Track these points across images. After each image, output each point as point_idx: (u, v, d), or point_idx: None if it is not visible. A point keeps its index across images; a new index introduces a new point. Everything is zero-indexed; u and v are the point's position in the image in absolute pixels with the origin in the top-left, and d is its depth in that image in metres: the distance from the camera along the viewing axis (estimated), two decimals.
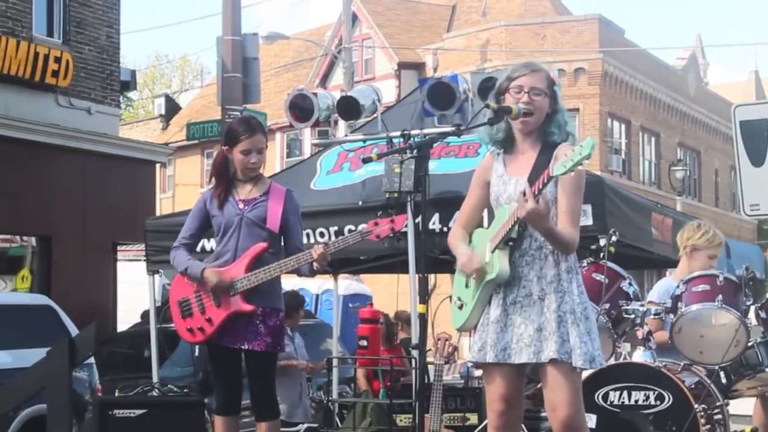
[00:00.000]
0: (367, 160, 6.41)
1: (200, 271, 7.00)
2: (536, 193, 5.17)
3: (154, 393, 10.22)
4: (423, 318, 5.98)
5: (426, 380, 8.33)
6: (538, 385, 6.61)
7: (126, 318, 21.27)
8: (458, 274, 5.73)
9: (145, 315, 22.91)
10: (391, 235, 7.56)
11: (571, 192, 5.42)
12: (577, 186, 5.43)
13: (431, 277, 10.23)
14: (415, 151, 6.20)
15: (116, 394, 9.89)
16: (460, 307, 5.64)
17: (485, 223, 5.85)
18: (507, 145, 5.66)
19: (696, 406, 7.06)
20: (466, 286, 5.61)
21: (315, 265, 6.93)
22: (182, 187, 47.02)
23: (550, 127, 5.57)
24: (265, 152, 7.18)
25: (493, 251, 5.46)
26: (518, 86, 5.54)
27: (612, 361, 7.54)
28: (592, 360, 5.37)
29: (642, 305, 7.61)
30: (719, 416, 7.35)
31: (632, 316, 7.55)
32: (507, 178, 5.56)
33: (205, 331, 7.03)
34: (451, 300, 5.76)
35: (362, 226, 7.20)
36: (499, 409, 5.54)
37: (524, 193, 5.17)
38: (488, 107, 5.59)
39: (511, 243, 5.43)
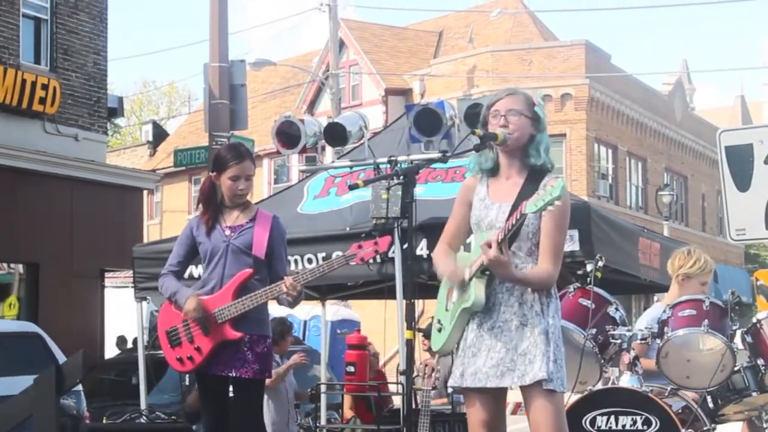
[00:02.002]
0: (353, 187, 6.42)
1: (184, 301, 7.00)
2: (501, 238, 5.21)
3: (142, 420, 10.19)
4: (410, 344, 5.98)
5: (413, 405, 8.32)
6: None
7: (114, 345, 21.24)
8: (440, 298, 5.76)
9: (119, 342, 22.91)
10: (377, 258, 7.57)
11: (552, 228, 5.45)
12: (560, 222, 5.47)
13: (419, 302, 10.22)
14: (401, 177, 6.21)
15: (104, 421, 9.87)
16: (439, 330, 5.67)
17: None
18: (494, 171, 5.69)
19: (683, 430, 7.06)
20: (446, 309, 5.64)
21: (286, 297, 6.92)
22: (169, 214, 46.99)
23: (530, 149, 5.58)
24: (253, 179, 7.20)
25: (470, 279, 5.48)
26: (495, 111, 5.58)
27: (599, 386, 7.54)
28: (560, 383, 5.40)
29: (629, 330, 7.61)
30: None
31: (619, 341, 7.55)
32: (489, 203, 5.57)
33: (194, 360, 7.02)
34: (433, 322, 5.78)
35: (347, 251, 7.21)
36: None
37: (488, 243, 5.21)
38: (474, 134, 5.61)
39: (488, 272, 5.45)
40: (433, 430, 9.27)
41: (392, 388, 12.06)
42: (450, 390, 5.72)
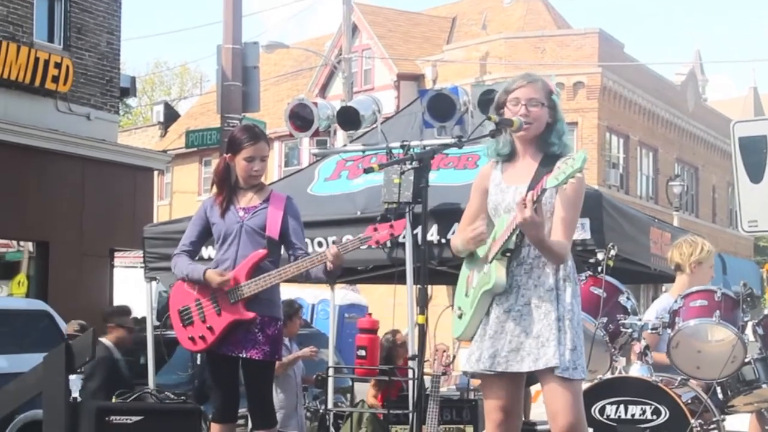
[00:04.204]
0: (368, 171, 6.40)
1: (202, 273, 7.01)
2: (535, 198, 5.20)
3: (151, 400, 10.19)
4: (422, 329, 5.97)
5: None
6: None
7: None
8: (459, 284, 5.74)
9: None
10: (390, 241, 7.55)
11: (568, 204, 5.43)
12: (575, 199, 5.45)
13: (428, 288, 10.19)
14: (415, 162, 6.21)
15: (113, 400, 9.86)
16: (460, 317, 5.65)
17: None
18: (510, 156, 5.68)
19: (692, 421, 7.05)
20: (466, 295, 5.63)
21: (329, 265, 6.90)
22: (180, 195, 47.04)
23: (551, 137, 5.57)
24: (267, 160, 7.20)
25: (490, 261, 5.47)
26: (515, 98, 5.55)
27: (609, 375, 7.54)
28: (574, 369, 5.36)
29: (640, 320, 7.61)
30: None
31: (630, 330, 7.55)
32: (505, 187, 5.57)
33: (206, 339, 7.03)
34: (452, 309, 5.77)
35: (361, 234, 7.20)
36: (497, 420, 5.54)
37: (524, 201, 5.20)
38: (490, 119, 5.60)
39: (508, 254, 5.44)
40: (441, 415, 9.26)
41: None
42: (469, 374, 5.69)
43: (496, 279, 5.42)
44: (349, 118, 10.72)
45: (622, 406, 7.24)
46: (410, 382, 9.67)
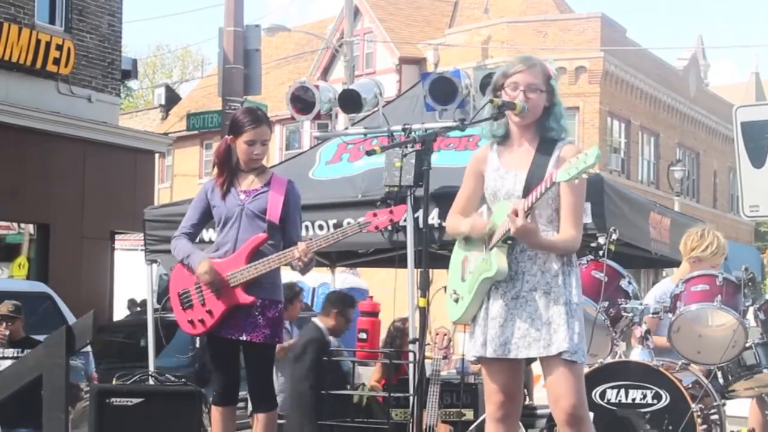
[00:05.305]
0: (371, 153, 6.37)
1: (198, 263, 6.99)
2: (529, 206, 5.19)
3: (151, 382, 10.20)
4: (423, 312, 5.96)
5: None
6: None
7: (123, 307, 21.29)
8: (453, 267, 5.73)
9: (130, 304, 22.88)
10: (390, 227, 7.53)
11: (572, 191, 5.42)
12: (579, 186, 5.42)
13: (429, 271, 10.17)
14: (417, 144, 6.19)
15: (113, 382, 9.88)
16: (456, 301, 5.64)
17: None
18: (505, 138, 5.66)
19: (693, 405, 7.06)
20: (462, 279, 5.61)
21: (297, 264, 6.90)
22: (180, 178, 47.02)
23: (548, 121, 5.56)
24: (269, 144, 7.17)
25: (491, 249, 5.46)
26: (514, 83, 5.52)
27: (610, 359, 7.54)
28: (576, 353, 5.37)
29: (641, 304, 7.61)
30: (716, 416, 7.36)
31: (631, 314, 7.55)
32: (504, 172, 5.55)
33: (205, 322, 7.02)
34: (445, 291, 5.76)
35: (360, 219, 7.19)
36: (499, 401, 5.56)
37: (515, 211, 5.18)
38: (493, 102, 5.57)
39: (510, 241, 5.42)
40: (441, 399, 9.26)
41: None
42: (473, 359, 5.68)
43: (498, 267, 5.40)
44: (350, 101, 10.70)
45: (622, 391, 7.24)
46: (411, 366, 9.66)
